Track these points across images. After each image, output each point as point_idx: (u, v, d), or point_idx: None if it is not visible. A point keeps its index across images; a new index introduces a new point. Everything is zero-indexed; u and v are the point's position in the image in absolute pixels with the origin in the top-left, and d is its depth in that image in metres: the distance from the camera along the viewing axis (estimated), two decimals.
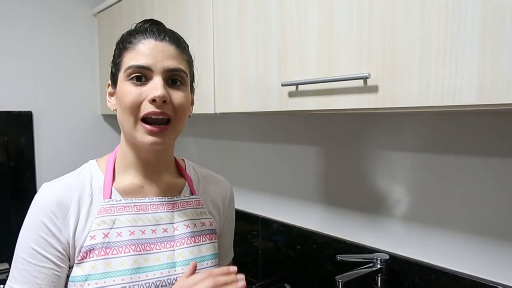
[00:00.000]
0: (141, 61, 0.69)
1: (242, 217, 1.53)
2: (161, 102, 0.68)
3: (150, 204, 0.76)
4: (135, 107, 0.69)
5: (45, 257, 0.69)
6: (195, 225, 0.79)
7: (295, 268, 1.31)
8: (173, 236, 0.76)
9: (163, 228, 0.76)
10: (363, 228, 1.14)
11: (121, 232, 0.71)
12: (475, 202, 0.91)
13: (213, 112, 1.14)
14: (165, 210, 0.77)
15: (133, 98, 0.69)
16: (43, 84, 1.83)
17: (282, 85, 0.89)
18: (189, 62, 0.77)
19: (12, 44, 1.73)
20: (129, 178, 0.77)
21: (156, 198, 0.77)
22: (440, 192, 0.97)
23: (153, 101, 0.68)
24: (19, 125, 1.75)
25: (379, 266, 1.00)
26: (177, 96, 0.71)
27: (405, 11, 0.68)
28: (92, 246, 0.69)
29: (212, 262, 0.80)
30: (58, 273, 0.69)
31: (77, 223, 0.70)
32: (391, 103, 0.71)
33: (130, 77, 0.70)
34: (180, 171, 0.85)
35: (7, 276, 1.52)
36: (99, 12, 1.88)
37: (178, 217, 0.78)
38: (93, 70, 1.98)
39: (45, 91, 1.84)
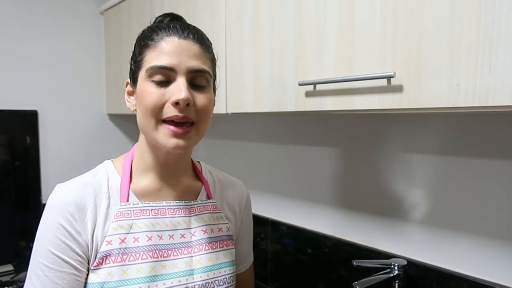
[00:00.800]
0: (165, 61, 0.65)
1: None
2: (185, 105, 0.64)
3: (168, 208, 0.73)
4: (157, 109, 0.65)
5: (66, 262, 0.66)
6: (212, 230, 0.77)
7: (306, 272, 1.28)
8: (190, 242, 0.74)
9: (180, 234, 0.73)
10: (378, 232, 1.11)
11: (138, 238, 0.68)
12: (497, 207, 0.88)
13: (224, 112, 1.12)
14: (182, 215, 0.74)
15: (154, 99, 0.65)
16: (48, 83, 1.80)
17: (299, 85, 0.86)
18: (213, 61, 0.73)
19: (17, 43, 1.71)
20: (147, 180, 0.74)
21: (173, 202, 0.75)
22: (460, 196, 0.94)
23: (176, 104, 0.64)
24: (24, 124, 1.73)
25: (396, 272, 0.97)
26: (200, 98, 0.68)
27: (433, 4, 0.65)
28: (108, 251, 0.66)
29: (229, 270, 0.77)
30: (79, 278, 0.67)
31: (95, 226, 0.67)
32: (417, 104, 0.68)
33: (152, 77, 0.66)
34: (196, 174, 0.82)
35: (12, 278, 1.51)
36: (106, 10, 1.85)
37: (196, 222, 0.75)
38: (99, 69, 1.95)
39: (51, 90, 1.81)
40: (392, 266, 0.97)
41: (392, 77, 0.69)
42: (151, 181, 0.74)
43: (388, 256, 1.05)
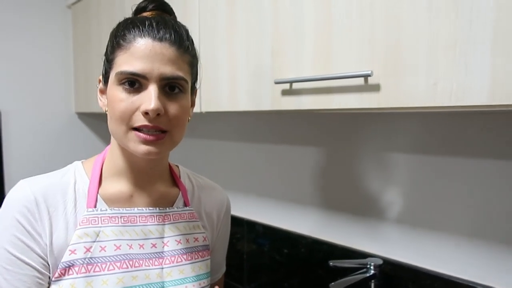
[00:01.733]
0: (136, 66, 0.60)
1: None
2: (155, 115, 0.60)
3: (139, 216, 0.69)
4: (126, 117, 0.61)
5: (27, 263, 0.61)
6: (187, 240, 0.73)
7: (283, 273, 1.27)
8: (162, 252, 0.70)
9: (151, 243, 0.69)
10: (355, 231, 1.10)
11: (105, 247, 0.64)
12: (472, 205, 0.89)
13: (199, 111, 1.08)
14: (155, 223, 0.70)
15: (124, 107, 0.61)
16: (12, 80, 1.71)
17: (275, 83, 0.84)
18: (191, 63, 0.67)
19: None
20: (118, 185, 0.69)
21: (146, 209, 0.70)
22: (436, 195, 0.94)
23: (146, 113, 0.60)
24: None
25: (372, 271, 0.96)
26: (173, 107, 0.63)
27: (410, 3, 0.64)
28: (71, 262, 0.62)
29: (204, 282, 0.73)
30: (42, 281, 0.62)
31: (55, 231, 0.63)
32: (394, 103, 0.67)
33: (121, 82, 0.61)
34: (174, 179, 0.78)
35: None
36: (73, 4, 1.78)
37: (169, 231, 0.71)
38: (67, 66, 1.87)
39: (14, 88, 1.72)
40: (368, 266, 0.97)
41: (369, 75, 0.68)
42: (122, 186, 0.70)
43: (365, 255, 1.05)
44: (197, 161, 1.63)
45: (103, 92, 0.69)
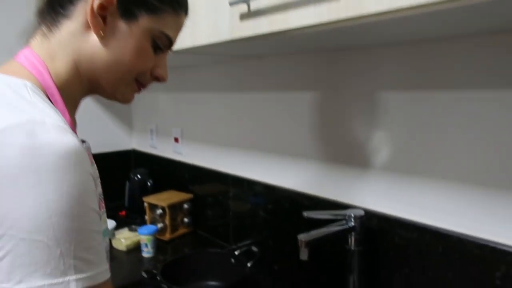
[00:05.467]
0: (174, 37, 0.61)
1: (212, 176, 1.40)
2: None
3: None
4: (141, 71, 0.59)
5: (100, 218, 0.50)
6: None
7: (267, 230, 1.19)
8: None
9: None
10: (340, 183, 1.00)
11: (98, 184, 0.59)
12: (463, 150, 0.76)
13: None
14: None
15: (147, 63, 0.59)
16: None
17: (231, 4, 0.72)
18: None
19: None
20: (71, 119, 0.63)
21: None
22: (426, 138, 0.82)
23: (156, 78, 0.62)
24: None
25: (352, 223, 0.86)
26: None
27: None
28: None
29: None
30: None
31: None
32: (355, 11, 0.55)
33: (154, 40, 0.58)
34: None
35: None
36: None
37: None
38: None
39: None
40: (347, 217, 0.87)
41: None
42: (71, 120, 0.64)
43: (349, 207, 0.95)
44: (184, 114, 1.54)
45: (102, 10, 0.52)
